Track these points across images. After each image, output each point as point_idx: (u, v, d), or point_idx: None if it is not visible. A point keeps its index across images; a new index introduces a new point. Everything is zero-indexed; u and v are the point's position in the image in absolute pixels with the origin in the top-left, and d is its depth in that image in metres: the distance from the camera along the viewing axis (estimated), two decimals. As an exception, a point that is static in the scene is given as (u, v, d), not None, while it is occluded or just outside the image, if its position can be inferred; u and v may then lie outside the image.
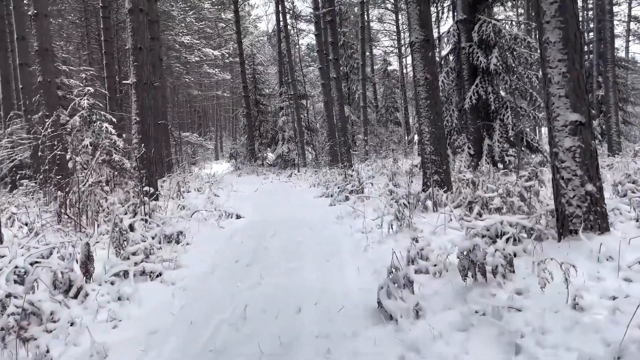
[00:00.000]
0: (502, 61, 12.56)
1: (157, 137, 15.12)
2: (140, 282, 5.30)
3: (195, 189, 12.72)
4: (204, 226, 8.35)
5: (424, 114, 8.86)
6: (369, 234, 6.79)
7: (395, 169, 15.60)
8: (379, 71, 33.62)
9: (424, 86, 8.83)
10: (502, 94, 12.97)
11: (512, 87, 12.61)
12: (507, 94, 13.02)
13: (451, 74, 13.34)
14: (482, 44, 12.84)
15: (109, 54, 19.95)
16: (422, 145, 8.93)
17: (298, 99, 23.94)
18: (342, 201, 10.37)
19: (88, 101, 13.30)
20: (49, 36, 11.25)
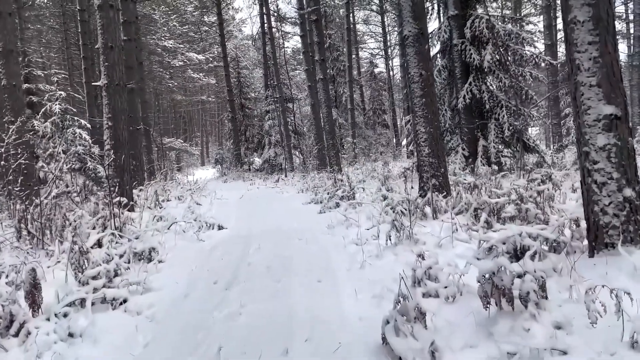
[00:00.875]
0: (496, 58, 11.91)
1: (135, 143, 14.23)
2: (100, 312, 4.47)
3: (176, 197, 11.86)
4: (182, 239, 7.52)
5: (420, 113, 8.13)
6: (364, 246, 6.02)
7: (387, 172, 14.88)
8: (365, 73, 32.97)
9: (418, 83, 8.11)
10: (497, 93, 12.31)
11: (506, 85, 11.96)
12: (502, 92, 12.38)
13: (443, 72, 12.67)
14: (475, 40, 12.19)
15: (87, 58, 19.00)
16: (418, 147, 8.20)
17: (284, 102, 23.15)
18: (333, 208, 9.60)
19: (60, 106, 12.41)
20: (15, 37, 10.33)
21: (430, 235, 5.70)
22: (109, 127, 9.21)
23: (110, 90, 9.19)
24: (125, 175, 9.26)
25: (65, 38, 26.94)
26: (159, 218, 8.76)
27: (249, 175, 22.09)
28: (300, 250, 6.17)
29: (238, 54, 28.86)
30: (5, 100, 9.97)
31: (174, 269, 5.76)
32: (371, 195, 10.32)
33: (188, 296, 4.76)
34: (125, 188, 9.22)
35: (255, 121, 27.04)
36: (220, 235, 7.90)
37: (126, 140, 9.38)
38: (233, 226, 8.61)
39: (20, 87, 10.16)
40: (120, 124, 9.25)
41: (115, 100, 9.21)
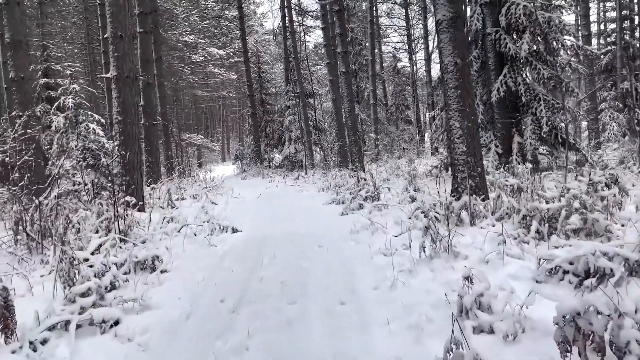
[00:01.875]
0: (533, 48, 10.90)
1: (152, 139, 13.66)
2: (87, 336, 3.78)
3: (191, 196, 11.21)
4: (192, 244, 6.83)
5: (454, 106, 7.25)
6: (393, 257, 5.22)
7: (412, 170, 13.99)
8: (388, 68, 31.97)
9: (453, 73, 7.23)
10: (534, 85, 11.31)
11: (545, 76, 10.94)
12: (540, 84, 11.37)
13: (475, 63, 11.71)
14: (510, 28, 11.21)
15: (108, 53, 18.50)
16: (452, 144, 7.33)
17: (305, 98, 22.40)
18: (356, 210, 8.80)
19: (74, 100, 11.87)
20: (24, 27, 9.78)
21: (472, 248, 4.86)
22: (118, 122, 8.58)
23: (120, 83, 8.55)
24: (135, 173, 8.62)
25: (87, 33, 26.69)
26: (170, 219, 8.09)
27: (268, 172, 21.43)
28: (319, 261, 5.39)
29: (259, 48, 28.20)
30: (13, 93, 9.45)
31: (179, 281, 5.05)
32: (397, 196, 9.49)
33: (190, 318, 4.03)
34: (134, 187, 8.59)
35: (276, 117, 26.36)
36: (234, 239, 7.18)
37: (137, 136, 8.74)
38: (248, 229, 7.89)
39: (29, 80, 9.64)
40: (130, 119, 8.61)
41: (125, 93, 8.57)
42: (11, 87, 9.47)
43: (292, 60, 22.66)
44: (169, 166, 18.59)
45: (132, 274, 5.26)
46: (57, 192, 6.75)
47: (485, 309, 3.24)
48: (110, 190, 7.18)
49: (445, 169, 12.33)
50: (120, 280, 4.92)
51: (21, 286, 4.82)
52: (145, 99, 13.65)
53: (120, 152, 8.51)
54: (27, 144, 8.67)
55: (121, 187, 8.48)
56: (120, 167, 8.56)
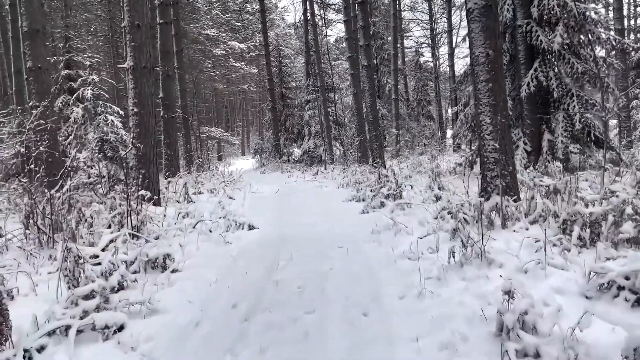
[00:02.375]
0: (566, 40, 10.29)
1: (170, 132, 13.44)
2: (88, 343, 3.49)
3: (208, 190, 10.94)
4: (207, 241, 6.52)
5: (485, 100, 6.78)
6: (419, 261, 4.81)
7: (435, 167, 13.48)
8: (410, 62, 31.30)
9: (484, 65, 6.75)
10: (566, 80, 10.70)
11: (579, 71, 10.32)
12: (573, 79, 10.75)
13: (504, 56, 11.12)
14: (543, 20, 10.60)
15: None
16: (482, 141, 6.85)
17: (325, 92, 21.97)
18: (377, 208, 8.39)
19: (92, 91, 11.70)
20: (42, 16, 9.58)
21: (507, 254, 4.42)
22: (134, 114, 8.31)
23: (137, 73, 8.28)
24: (150, 166, 8.36)
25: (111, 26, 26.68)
26: (185, 214, 7.81)
27: (287, 166, 21.12)
28: (339, 264, 5.01)
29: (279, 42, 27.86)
30: (30, 83, 9.27)
31: (190, 283, 4.73)
32: (420, 194, 9.05)
33: (199, 325, 3.70)
34: (150, 180, 8.33)
35: (296, 111, 26.01)
36: (250, 237, 6.85)
37: (153, 129, 8.47)
38: (265, 226, 7.56)
39: (47, 70, 9.43)
40: (146, 110, 8.34)
41: (141, 84, 8.30)
42: (29, 77, 9.30)
43: (313, 53, 22.27)
44: (188, 159, 18.42)
45: (142, 273, 4.97)
46: (69, 185, 6.50)
47: (529, 329, 2.82)
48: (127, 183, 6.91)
49: (470, 166, 11.82)
50: (129, 280, 4.62)
51: (26, 284, 4.57)
52: (165, 91, 13.42)
53: (136, 145, 8.26)
54: (43, 135, 8.47)
55: (136, 180, 8.23)
56: (135, 160, 8.31)
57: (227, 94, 42.30)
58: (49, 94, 9.25)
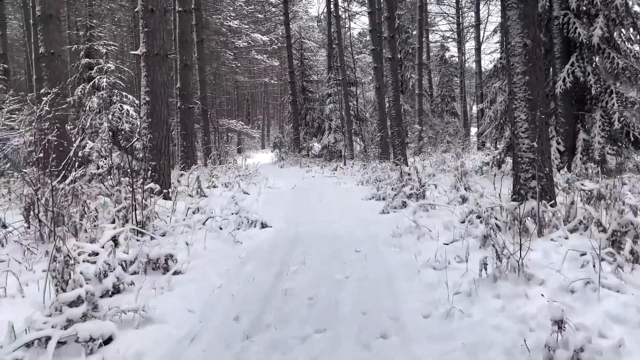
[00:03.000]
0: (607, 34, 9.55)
1: (187, 123, 13.09)
2: (70, 357, 3.08)
3: (223, 184, 10.54)
4: (216, 239, 6.09)
5: (520, 94, 6.18)
6: (446, 271, 4.29)
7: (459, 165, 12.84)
8: (435, 57, 30.44)
9: (521, 56, 6.15)
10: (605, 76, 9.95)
11: (619, 66, 9.57)
12: (611, 76, 9.99)
13: (538, 50, 10.39)
14: (581, 12, 9.87)
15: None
16: (516, 139, 6.26)
17: (347, 86, 21.42)
18: (398, 208, 7.86)
19: (108, 80, 11.40)
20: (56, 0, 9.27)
21: (548, 269, 3.86)
22: (146, 103, 7.94)
23: (149, 61, 7.90)
24: (162, 158, 7.99)
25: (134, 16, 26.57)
26: (196, 209, 7.41)
27: (306, 161, 20.67)
28: (356, 272, 4.52)
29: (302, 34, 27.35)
30: (42, 69, 8.97)
31: (192, 287, 4.30)
32: (445, 195, 8.49)
33: (195, 341, 3.26)
34: (161, 173, 7.95)
35: (316, 105, 25.51)
36: (262, 236, 6.40)
37: (165, 119, 8.08)
38: (278, 224, 7.10)
39: (59, 56, 9.10)
40: (158, 100, 7.95)
41: (154, 71, 7.91)
42: (41, 64, 9.00)
43: (336, 46, 21.70)
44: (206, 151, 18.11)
45: (141, 275, 4.56)
46: (73, 176, 6.14)
47: (587, 371, 2.29)
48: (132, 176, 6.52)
49: (498, 166, 11.17)
50: (125, 283, 4.22)
51: (15, 284, 4.20)
52: (182, 82, 13.07)
53: (147, 135, 7.88)
54: (52, 123, 8.15)
55: (146, 172, 7.86)
56: (147, 151, 7.93)
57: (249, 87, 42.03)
58: (61, 81, 8.94)
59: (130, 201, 5.98)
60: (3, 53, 26.18)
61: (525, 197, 6.15)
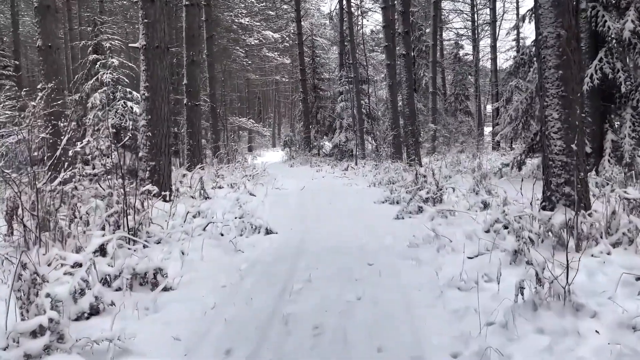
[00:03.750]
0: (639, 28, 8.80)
1: (194, 121, 12.55)
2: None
3: (228, 185, 9.98)
4: (215, 247, 5.53)
5: (552, 91, 5.50)
6: (473, 293, 3.67)
7: (477, 167, 12.16)
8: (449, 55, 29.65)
9: (554, 48, 5.48)
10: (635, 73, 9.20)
11: (652, 62, 8.83)
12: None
13: (564, 45, 9.65)
14: (610, 4, 9.13)
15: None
16: (547, 140, 5.59)
17: (359, 84, 20.75)
18: (414, 213, 7.22)
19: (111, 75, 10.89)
20: (56, -8, 8.77)
21: (600, 298, 3.21)
22: (145, 99, 7.39)
23: (149, 54, 7.34)
24: (162, 158, 7.44)
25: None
26: (197, 213, 6.84)
27: (316, 160, 20.08)
28: (369, 292, 3.91)
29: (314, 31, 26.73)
30: (40, 63, 8.48)
31: (182, 308, 3.73)
32: (464, 199, 7.83)
33: (175, 382, 2.67)
34: (161, 173, 7.41)
35: (328, 103, 24.89)
36: (266, 244, 5.82)
37: (166, 116, 7.53)
38: (284, 230, 6.52)
39: (57, 49, 8.60)
40: (159, 95, 7.40)
41: (154, 65, 7.36)
42: (39, 57, 8.51)
43: (348, 43, 21.07)
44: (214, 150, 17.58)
45: (126, 291, 4.00)
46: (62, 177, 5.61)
47: None
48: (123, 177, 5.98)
49: (518, 167, 10.46)
50: (105, 303, 3.65)
51: (-19, 302, 3.66)
52: (189, 78, 12.52)
53: (147, 134, 7.34)
54: (48, 120, 7.65)
55: (145, 173, 7.32)
56: (145, 151, 7.39)
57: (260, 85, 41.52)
58: (58, 75, 8.43)
59: (121, 205, 5.42)
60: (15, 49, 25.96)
61: (557, 205, 5.50)
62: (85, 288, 3.67)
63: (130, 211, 5.57)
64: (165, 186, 7.41)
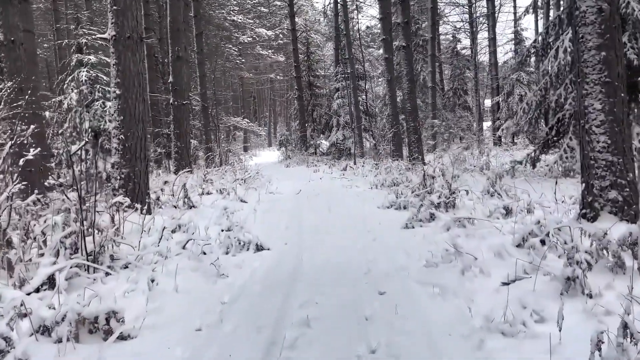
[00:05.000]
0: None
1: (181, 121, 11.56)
2: None
3: (217, 190, 9.00)
4: (194, 272, 4.56)
5: (594, 76, 4.55)
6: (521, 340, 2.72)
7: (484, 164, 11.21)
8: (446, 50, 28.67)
9: (594, 25, 4.52)
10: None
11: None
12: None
13: (582, 29, 8.69)
14: (634, -17, 8.17)
15: (149, 29, 16.44)
16: (588, 135, 4.64)
17: (356, 80, 19.78)
18: (425, 221, 6.26)
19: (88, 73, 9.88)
20: (19, -20, 7.75)
21: None
22: (116, 97, 6.40)
23: (119, 46, 6.34)
24: (137, 164, 6.45)
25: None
26: (177, 227, 5.86)
27: (313, 159, 19.11)
28: (384, 340, 2.94)
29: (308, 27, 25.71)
30: (1, 59, 7.47)
31: (139, 366, 2.76)
32: (479, 202, 6.89)
33: None
34: (136, 181, 6.42)
35: (324, 101, 23.90)
36: (254, 264, 4.86)
37: (141, 116, 6.54)
38: (278, 244, 5.57)
39: (21, 45, 7.59)
40: (132, 92, 6.41)
41: (125, 59, 6.36)
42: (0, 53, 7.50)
43: (343, 38, 20.08)
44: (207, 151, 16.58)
45: (69, 343, 3.02)
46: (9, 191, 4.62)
47: None
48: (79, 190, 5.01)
49: (532, 164, 9.51)
50: (32, 367, 2.69)
51: None
52: (175, 75, 11.54)
53: (119, 137, 6.35)
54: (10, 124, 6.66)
55: (118, 181, 6.34)
56: (118, 156, 6.40)
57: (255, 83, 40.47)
58: (22, 73, 7.42)
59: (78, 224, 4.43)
60: None
61: (600, 213, 4.56)
62: (6, 348, 2.71)
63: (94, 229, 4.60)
64: (142, 196, 6.43)
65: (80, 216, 4.41)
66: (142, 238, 5.22)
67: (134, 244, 5.09)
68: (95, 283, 4.17)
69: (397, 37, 17.99)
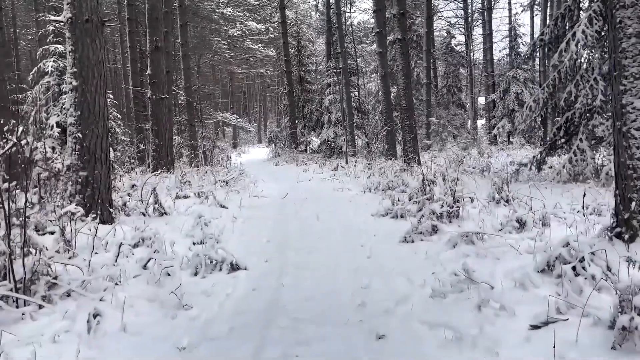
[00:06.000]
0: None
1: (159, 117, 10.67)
2: None
3: (195, 194, 8.14)
4: (151, 302, 3.75)
5: (633, 69, 3.78)
6: None
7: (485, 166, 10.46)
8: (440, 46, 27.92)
9: (635, 8, 3.74)
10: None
11: None
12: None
13: (596, 21, 7.93)
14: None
15: (133, 20, 15.42)
16: (625, 140, 3.88)
17: (348, 75, 18.94)
18: (427, 234, 5.47)
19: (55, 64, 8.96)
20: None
21: None
22: (73, 89, 5.52)
23: (76, 30, 5.46)
24: (97, 166, 5.58)
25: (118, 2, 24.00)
26: (140, 241, 5.01)
27: (303, 157, 18.28)
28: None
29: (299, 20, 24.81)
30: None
31: None
32: (485, 211, 6.12)
33: None
34: (95, 187, 5.55)
35: (315, 97, 23.01)
36: (228, 290, 4.05)
37: (102, 111, 5.66)
38: (257, 263, 4.75)
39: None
40: (92, 85, 5.53)
41: (83, 45, 5.47)
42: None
43: (335, 32, 19.21)
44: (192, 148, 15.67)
45: None
46: None
47: None
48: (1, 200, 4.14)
49: (537, 167, 8.76)
50: None
51: None
52: (153, 67, 10.63)
53: (76, 135, 5.48)
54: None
55: (75, 186, 5.48)
56: (75, 157, 5.53)
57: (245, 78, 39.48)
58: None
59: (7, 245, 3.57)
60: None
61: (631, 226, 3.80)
62: None
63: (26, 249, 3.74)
64: (102, 202, 5.57)
65: (7, 232, 3.55)
66: (93, 255, 4.35)
67: (85, 263, 4.24)
68: (24, 320, 3.34)
69: (391, 32, 17.18)
